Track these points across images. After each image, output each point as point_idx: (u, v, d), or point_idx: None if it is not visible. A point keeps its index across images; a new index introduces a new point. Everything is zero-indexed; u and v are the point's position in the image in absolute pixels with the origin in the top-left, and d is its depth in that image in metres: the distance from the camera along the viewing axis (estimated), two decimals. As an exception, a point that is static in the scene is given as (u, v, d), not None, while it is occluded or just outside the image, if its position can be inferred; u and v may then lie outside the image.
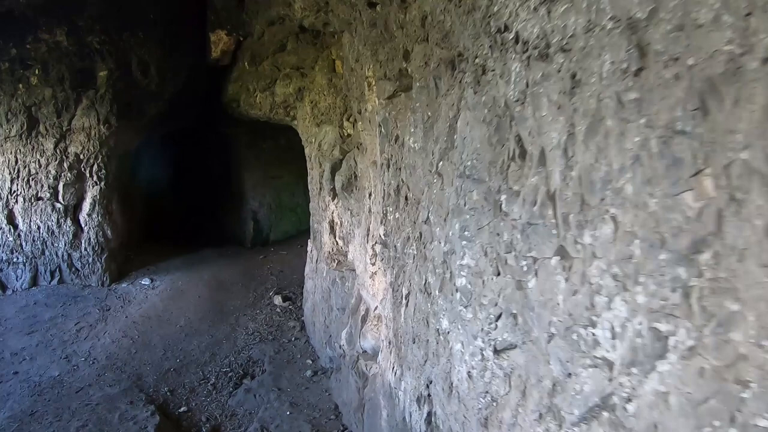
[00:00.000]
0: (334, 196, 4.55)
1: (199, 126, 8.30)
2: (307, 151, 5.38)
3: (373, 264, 3.44)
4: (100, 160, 6.41)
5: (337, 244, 4.60)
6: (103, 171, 6.45)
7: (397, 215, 2.73)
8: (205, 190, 9.49)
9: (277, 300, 6.19)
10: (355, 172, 4.15)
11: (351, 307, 4.05)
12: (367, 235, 3.60)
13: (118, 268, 6.75)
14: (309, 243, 5.66)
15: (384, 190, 2.94)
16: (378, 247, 3.16)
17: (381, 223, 3.03)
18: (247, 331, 5.61)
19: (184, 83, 6.69)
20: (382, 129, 2.96)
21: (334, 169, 4.49)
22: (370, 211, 3.54)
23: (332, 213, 4.67)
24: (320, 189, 4.90)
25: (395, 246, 2.76)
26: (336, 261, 4.60)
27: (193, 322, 5.67)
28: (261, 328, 5.67)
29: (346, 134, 4.51)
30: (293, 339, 5.42)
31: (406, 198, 2.56)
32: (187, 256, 7.72)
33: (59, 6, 5.69)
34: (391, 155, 2.80)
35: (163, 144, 8.98)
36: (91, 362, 4.85)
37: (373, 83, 3.23)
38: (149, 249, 7.75)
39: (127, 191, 7.24)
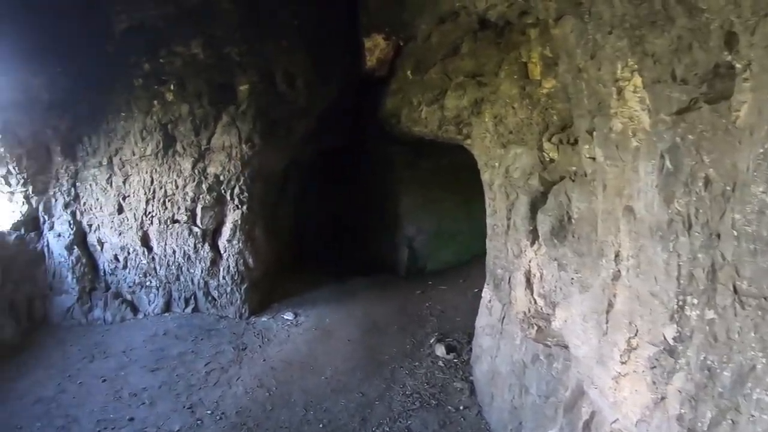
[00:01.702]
0: (534, 240, 3.78)
1: (350, 144, 8.04)
2: (486, 176, 4.66)
3: (624, 363, 2.52)
4: (241, 182, 6.24)
5: (536, 303, 3.80)
6: (245, 194, 6.27)
7: (712, 316, 1.82)
8: (354, 213, 9.21)
9: (440, 350, 5.66)
10: (569, 213, 3.36)
11: (565, 403, 3.24)
12: (607, 313, 2.69)
13: (259, 299, 6.57)
14: (486, 290, 4.95)
15: (676, 265, 2.03)
16: (650, 350, 2.27)
17: (671, 319, 2.09)
18: (404, 390, 5.04)
19: (334, 97, 6.40)
20: (667, 161, 2.06)
21: (535, 205, 3.72)
22: (615, 279, 2.62)
23: (529, 262, 3.87)
24: (509, 227, 4.16)
25: (705, 368, 1.86)
26: (535, 327, 3.78)
27: (341, 374, 5.23)
28: (421, 388, 5.06)
29: (547, 159, 3.71)
30: (461, 408, 4.79)
31: (735, 291, 1.69)
32: (335, 287, 7.46)
33: (193, 17, 5.58)
34: (693, 208, 1.91)
35: (310, 164, 8.75)
36: (217, 417, 4.53)
37: (637, 89, 2.28)
38: (294, 277, 7.57)
39: (272, 216, 7.10)
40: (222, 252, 6.31)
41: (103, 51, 5.93)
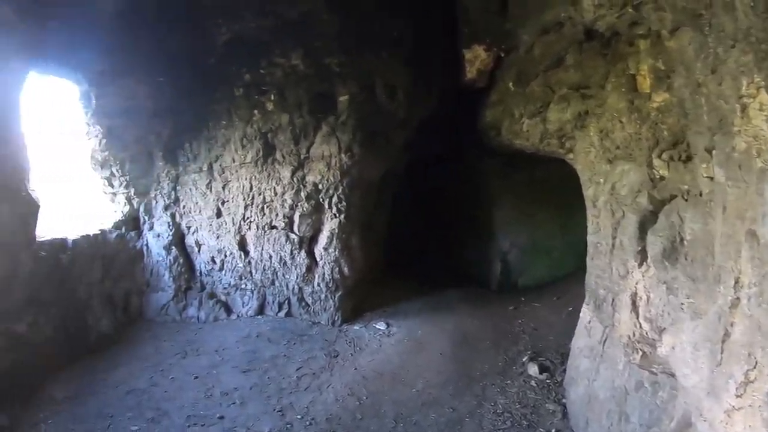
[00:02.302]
0: (642, 261, 3.70)
1: (444, 154, 8.16)
2: (589, 192, 4.59)
3: (740, 396, 2.41)
4: (340, 191, 6.42)
5: (641, 327, 3.71)
6: (344, 203, 6.45)
7: None
8: (445, 223, 9.28)
9: (532, 369, 5.62)
10: (681, 235, 3.28)
11: (671, 433, 3.18)
12: (722, 342, 2.59)
13: (352, 307, 6.74)
14: (585, 310, 4.85)
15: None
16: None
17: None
18: (495, 408, 5.02)
19: (434, 108, 6.51)
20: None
21: (644, 224, 3.65)
22: (733, 307, 2.53)
23: (636, 284, 3.79)
24: (614, 246, 4.09)
25: None
26: (640, 352, 3.70)
27: (432, 387, 5.25)
28: (512, 407, 5.03)
29: (657, 176, 3.61)
30: (553, 431, 4.85)
31: None
32: (428, 299, 7.52)
33: (293, 28, 5.77)
34: None
35: (404, 173, 8.87)
36: (307, 423, 4.59)
37: (763, 107, 2.19)
38: (385, 286, 7.69)
39: (368, 225, 7.26)
40: (318, 259, 6.49)
41: (205, 62, 6.28)
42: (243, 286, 6.73)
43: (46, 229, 5.94)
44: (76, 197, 8.27)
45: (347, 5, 5.69)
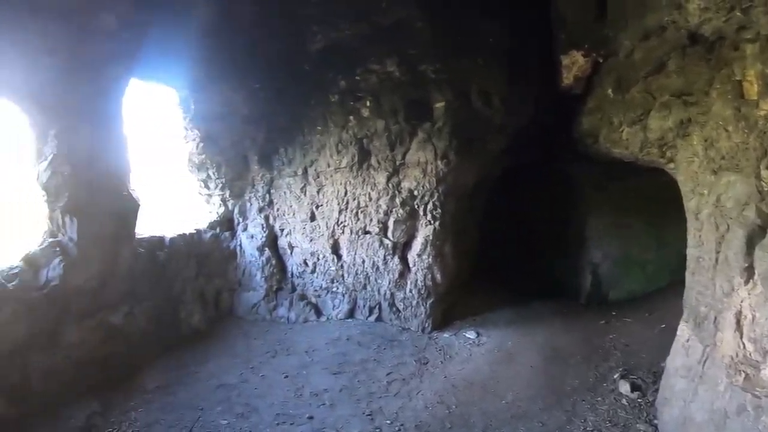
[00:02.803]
0: (749, 279, 3.59)
1: (536, 162, 8.09)
2: (692, 204, 4.47)
3: None
4: (435, 198, 6.51)
5: (744, 347, 3.61)
6: (438, 210, 6.54)
7: None
8: (534, 232, 9.18)
9: (624, 387, 5.53)
10: None
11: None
12: None
13: (442, 315, 6.83)
14: (683, 328, 4.73)
15: None
16: None
17: None
18: (585, 425, 4.94)
19: (530, 115, 6.50)
20: None
21: (752, 239, 3.51)
22: None
23: (741, 302, 3.67)
24: (717, 261, 3.97)
25: None
26: (742, 374, 3.60)
27: (521, 400, 5.23)
28: (603, 425, 4.95)
29: (765, 189, 3.48)
30: None
31: None
32: (517, 309, 7.56)
33: (388, 35, 5.88)
34: None
35: (495, 181, 8.94)
36: (396, 428, 4.54)
37: None
38: (475, 295, 7.75)
39: (461, 233, 7.32)
40: (411, 265, 6.59)
41: (300, 69, 6.51)
42: (334, 289, 6.93)
43: (144, 227, 6.37)
44: (170, 197, 8.71)
45: (441, 12, 5.74)
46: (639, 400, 5.24)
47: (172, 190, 8.65)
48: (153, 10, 5.16)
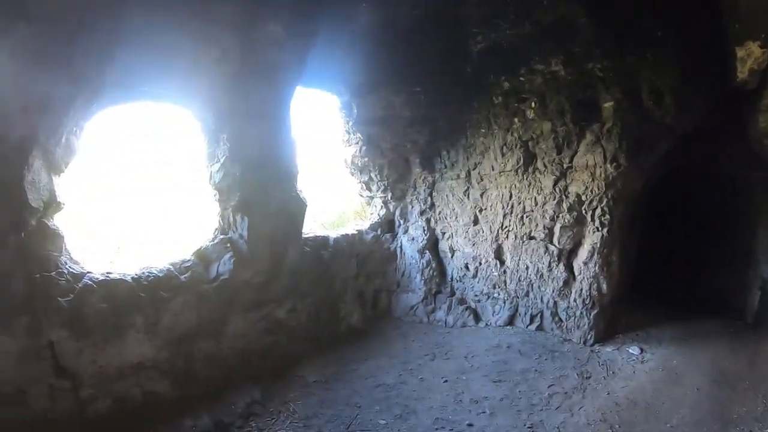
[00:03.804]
0: None
1: (700, 165, 7.91)
2: None
3: None
4: (604, 203, 6.55)
5: None
6: (607, 216, 6.58)
7: None
8: (692, 242, 8.91)
9: None
10: None
11: None
12: None
13: (604, 327, 6.89)
14: None
15: None
16: None
17: None
18: None
19: (702, 114, 6.35)
20: None
21: None
22: None
23: None
24: None
25: None
26: None
27: (686, 425, 5.10)
28: None
29: None
30: None
31: None
32: (679, 326, 7.46)
33: (551, 34, 6.05)
34: None
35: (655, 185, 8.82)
36: None
37: None
38: (636, 308, 7.75)
39: (626, 241, 7.30)
40: (576, 274, 6.67)
41: (462, 71, 6.72)
42: (495, 295, 7.25)
43: (307, 227, 7.13)
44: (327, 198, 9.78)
45: (605, 6, 5.74)
46: (812, 435, 5.15)
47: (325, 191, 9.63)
48: (318, 20, 5.77)
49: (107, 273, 5.16)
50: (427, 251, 8.01)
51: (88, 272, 5.02)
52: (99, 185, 12.98)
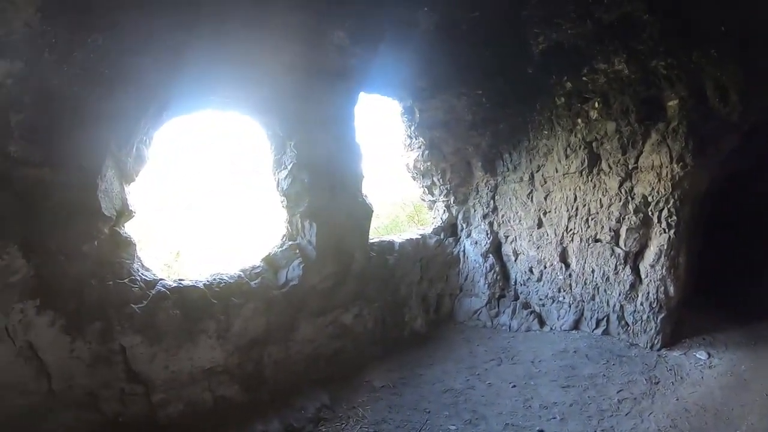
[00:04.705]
0: None
1: (761, 163, 7.96)
2: None
3: None
4: (671, 204, 6.61)
5: None
6: (674, 217, 6.62)
7: None
8: (755, 245, 8.87)
9: None
10: None
11: None
12: None
13: (671, 331, 6.93)
14: None
15: None
16: None
17: None
18: None
19: (767, 111, 6.36)
20: None
21: None
22: None
23: None
24: None
25: None
26: None
27: (757, 431, 5.28)
28: None
29: None
30: None
31: None
32: (745, 330, 7.43)
33: (613, 32, 6.10)
34: None
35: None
36: None
37: None
38: (700, 312, 7.78)
39: (692, 241, 7.38)
40: (643, 277, 6.72)
41: (523, 72, 6.80)
42: (560, 299, 7.38)
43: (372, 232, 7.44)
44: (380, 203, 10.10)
45: (669, 2, 5.74)
46: None
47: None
48: (381, 26, 6.01)
49: (179, 280, 5.53)
50: (491, 255, 8.24)
51: (161, 279, 5.36)
52: (161, 192, 13.90)
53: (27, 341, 4.56)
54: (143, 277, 5.26)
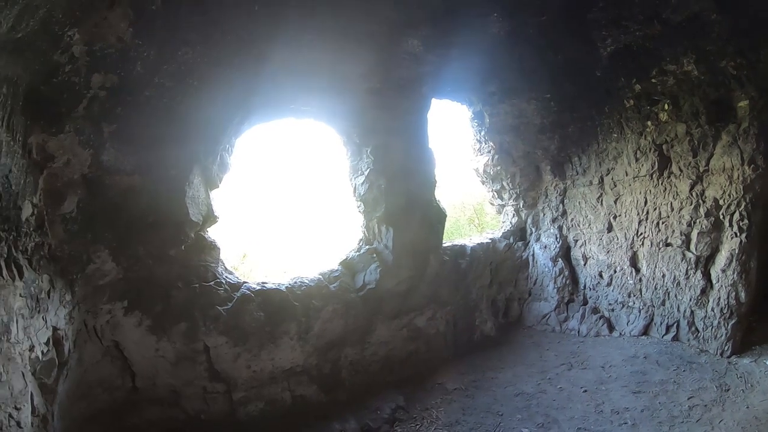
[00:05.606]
0: None
1: None
2: None
3: None
4: (742, 207, 6.62)
5: None
6: (746, 221, 6.62)
7: None
8: None
9: None
10: None
11: None
12: None
13: (741, 338, 6.89)
14: None
15: None
16: None
17: None
18: None
19: None
20: None
21: None
22: None
23: None
24: None
25: None
26: None
27: None
28: None
29: None
30: None
31: None
32: None
33: (681, 32, 6.17)
34: None
35: None
36: None
37: None
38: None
39: (763, 246, 7.27)
40: (714, 282, 6.72)
41: (591, 75, 6.97)
42: (630, 304, 7.51)
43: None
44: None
45: (737, 1, 5.77)
46: None
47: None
48: (454, 32, 6.24)
49: (263, 283, 5.95)
50: (560, 259, 8.43)
51: (245, 282, 5.80)
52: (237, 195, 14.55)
53: (114, 341, 5.07)
54: (228, 279, 5.73)
